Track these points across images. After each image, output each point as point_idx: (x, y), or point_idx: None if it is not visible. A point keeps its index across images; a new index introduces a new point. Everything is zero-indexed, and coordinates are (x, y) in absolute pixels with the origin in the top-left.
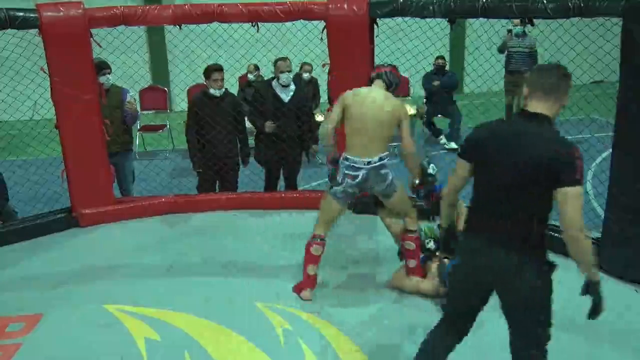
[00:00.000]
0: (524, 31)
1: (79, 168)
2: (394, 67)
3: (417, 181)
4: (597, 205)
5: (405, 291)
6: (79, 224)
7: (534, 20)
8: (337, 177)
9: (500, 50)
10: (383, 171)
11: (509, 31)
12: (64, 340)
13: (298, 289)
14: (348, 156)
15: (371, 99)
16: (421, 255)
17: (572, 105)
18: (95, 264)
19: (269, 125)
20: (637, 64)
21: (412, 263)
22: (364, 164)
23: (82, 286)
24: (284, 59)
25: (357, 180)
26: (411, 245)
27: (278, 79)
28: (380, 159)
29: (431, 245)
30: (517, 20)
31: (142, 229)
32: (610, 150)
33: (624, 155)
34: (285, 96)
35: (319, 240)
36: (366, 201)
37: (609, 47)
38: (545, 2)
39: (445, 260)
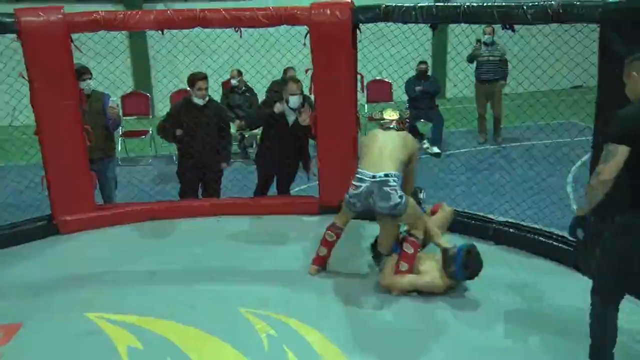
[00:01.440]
0: (493, 40)
1: (60, 174)
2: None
3: None
4: (577, 208)
5: (392, 293)
6: (60, 231)
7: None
8: None
9: (470, 59)
10: (386, 188)
11: (478, 41)
12: (44, 349)
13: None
14: (358, 168)
15: (385, 131)
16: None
17: (553, 109)
18: (77, 271)
19: (278, 107)
20: (613, 69)
21: (404, 267)
22: (369, 177)
23: (62, 294)
24: (297, 80)
25: (358, 190)
26: (410, 249)
27: (287, 102)
28: (387, 175)
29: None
30: (487, 29)
31: (125, 236)
32: (590, 154)
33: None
34: (291, 119)
35: (333, 227)
36: None
37: (587, 52)
38: (525, 8)
39: (450, 250)
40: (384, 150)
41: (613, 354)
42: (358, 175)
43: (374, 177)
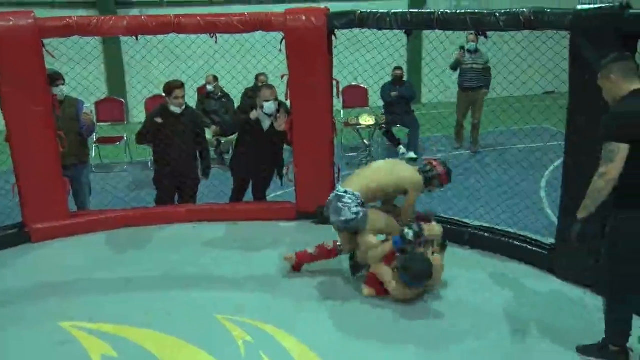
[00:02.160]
0: (476, 47)
1: (31, 181)
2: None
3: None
4: (550, 212)
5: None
6: (31, 239)
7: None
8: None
9: (453, 67)
10: (339, 204)
11: (462, 48)
12: None
13: None
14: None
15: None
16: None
17: (526, 114)
18: (49, 280)
19: (254, 113)
20: (583, 76)
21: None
22: (335, 191)
23: (34, 304)
24: (270, 86)
25: (328, 200)
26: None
27: (262, 108)
28: (345, 191)
29: (410, 235)
30: (471, 37)
31: (99, 244)
32: (562, 159)
33: (574, 164)
34: (266, 124)
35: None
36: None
37: (559, 59)
38: (497, 15)
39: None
40: (365, 172)
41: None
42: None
43: (337, 191)
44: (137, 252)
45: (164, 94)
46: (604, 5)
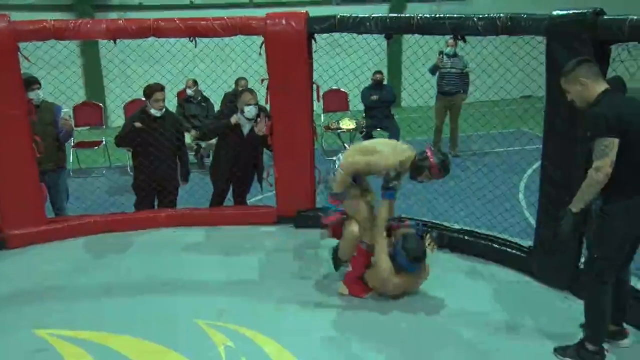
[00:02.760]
0: (455, 52)
1: (7, 187)
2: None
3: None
4: (529, 215)
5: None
6: (7, 245)
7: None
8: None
9: (432, 71)
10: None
11: (441, 52)
12: None
13: None
14: None
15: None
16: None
17: (504, 118)
18: (25, 287)
19: (235, 118)
20: (559, 80)
21: (349, 269)
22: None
23: (10, 311)
24: (251, 90)
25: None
26: (357, 254)
27: (243, 112)
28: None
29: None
30: (450, 41)
31: (78, 249)
32: (540, 162)
33: (551, 167)
34: (246, 129)
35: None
36: (307, 215)
37: (535, 63)
38: (475, 20)
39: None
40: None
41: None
42: None
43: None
44: (116, 257)
45: (144, 97)
46: (577, 11)
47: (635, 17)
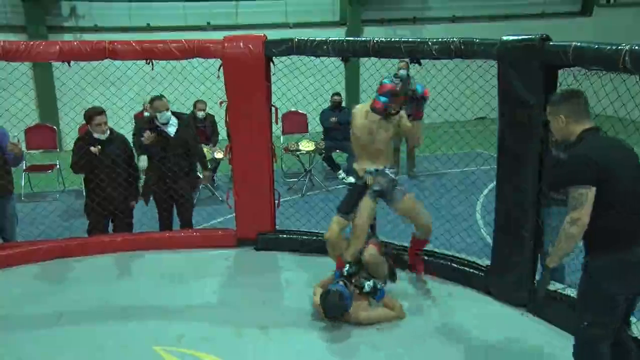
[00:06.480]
0: (408, 75)
1: None
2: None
3: None
4: (486, 235)
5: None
6: None
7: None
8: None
9: None
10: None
11: (395, 75)
12: None
13: None
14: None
15: None
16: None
17: (459, 140)
18: None
19: (147, 137)
20: (511, 102)
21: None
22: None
23: None
24: (160, 97)
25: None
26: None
27: (156, 118)
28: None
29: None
30: (402, 64)
31: (28, 276)
32: (495, 182)
33: (506, 186)
34: (172, 130)
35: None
36: (269, 238)
37: (488, 86)
38: (430, 44)
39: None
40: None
41: None
42: None
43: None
44: (70, 284)
45: (85, 122)
46: (526, 36)
47: (578, 43)
